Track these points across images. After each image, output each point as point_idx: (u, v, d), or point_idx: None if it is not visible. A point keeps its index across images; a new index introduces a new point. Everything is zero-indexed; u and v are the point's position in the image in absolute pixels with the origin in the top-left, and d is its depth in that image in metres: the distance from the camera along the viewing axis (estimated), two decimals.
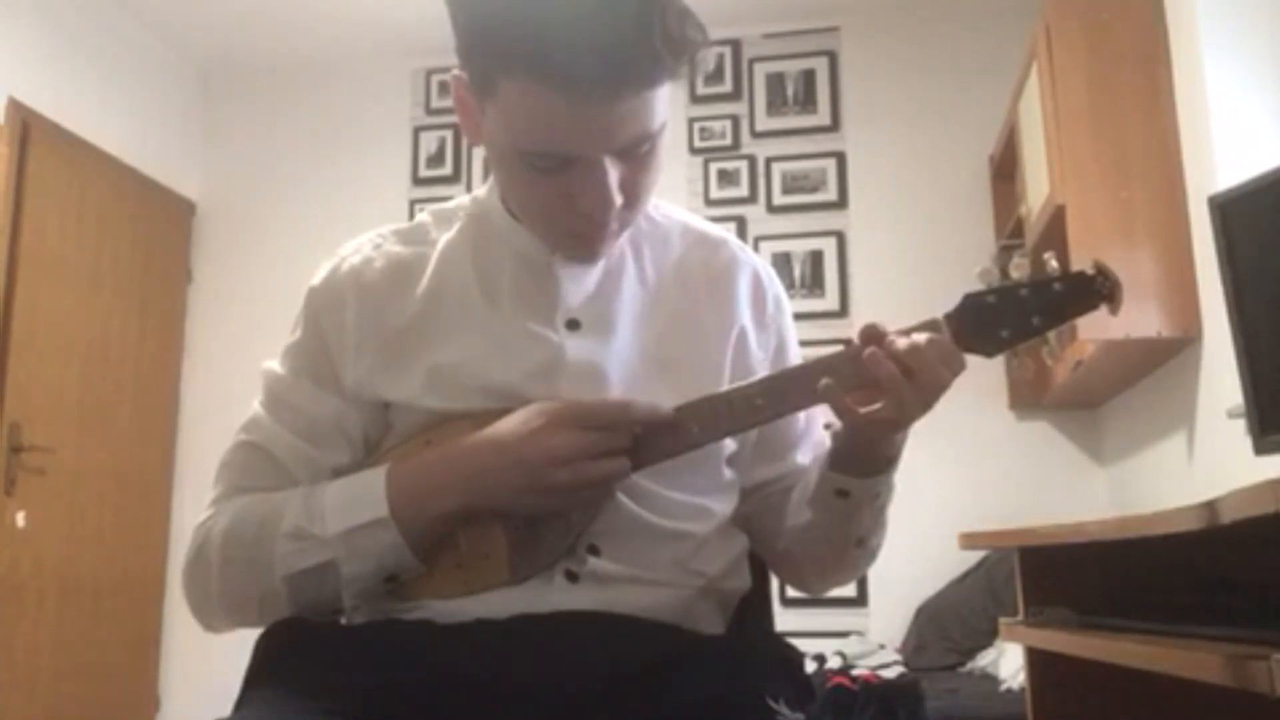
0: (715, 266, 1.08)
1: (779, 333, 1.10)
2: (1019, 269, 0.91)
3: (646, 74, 0.84)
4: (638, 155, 0.90)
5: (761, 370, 1.05)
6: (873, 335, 0.90)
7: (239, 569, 0.97)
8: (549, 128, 0.85)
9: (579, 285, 1.01)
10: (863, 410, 0.89)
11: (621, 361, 0.99)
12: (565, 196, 0.90)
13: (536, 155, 0.88)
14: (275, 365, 1.05)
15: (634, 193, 0.92)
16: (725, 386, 0.97)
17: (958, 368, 0.90)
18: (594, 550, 0.95)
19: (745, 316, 1.06)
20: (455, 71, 0.92)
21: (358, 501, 0.94)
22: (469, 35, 0.88)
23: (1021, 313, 0.90)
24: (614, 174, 0.88)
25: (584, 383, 0.97)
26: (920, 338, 0.89)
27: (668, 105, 0.89)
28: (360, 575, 0.94)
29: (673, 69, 0.85)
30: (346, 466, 1.01)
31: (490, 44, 0.86)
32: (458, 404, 0.96)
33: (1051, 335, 0.90)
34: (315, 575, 0.94)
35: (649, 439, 0.93)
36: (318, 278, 1.05)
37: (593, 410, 0.92)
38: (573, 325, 0.99)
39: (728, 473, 1.04)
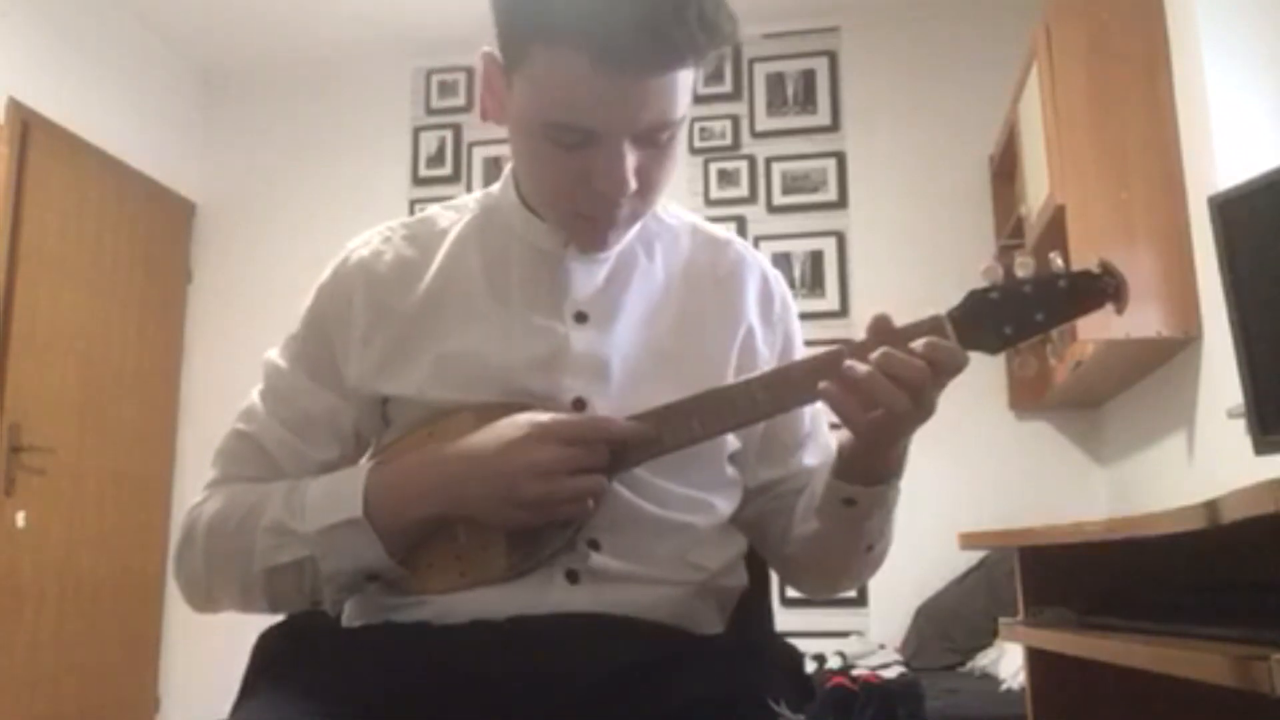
0: (722, 267, 1.09)
1: (785, 332, 1.10)
2: (1024, 267, 0.90)
3: (679, 51, 0.85)
4: (657, 143, 0.91)
5: (766, 367, 1.04)
6: (882, 326, 0.88)
7: (221, 558, 0.99)
8: (577, 98, 0.86)
9: (589, 278, 1.02)
10: (856, 417, 0.88)
11: (624, 354, 0.99)
12: (582, 175, 0.91)
13: (559, 127, 0.89)
14: (275, 355, 1.05)
15: (649, 182, 0.93)
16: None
17: (949, 374, 0.87)
18: (594, 545, 0.95)
19: (753, 315, 1.07)
20: (485, 48, 0.95)
21: (336, 499, 0.95)
22: (508, 3, 0.90)
23: (1025, 309, 0.89)
24: (632, 158, 0.89)
25: (587, 374, 0.97)
26: (899, 355, 0.85)
27: (690, 98, 0.91)
28: (340, 571, 0.95)
29: (703, 51, 0.87)
30: (335, 462, 1.02)
31: (529, 11, 0.87)
32: (460, 394, 0.96)
33: (1055, 333, 0.90)
34: (293, 570, 0.96)
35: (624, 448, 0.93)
36: (326, 273, 1.06)
37: (572, 425, 0.92)
38: (580, 317, 1.00)
39: (730, 471, 1.04)
